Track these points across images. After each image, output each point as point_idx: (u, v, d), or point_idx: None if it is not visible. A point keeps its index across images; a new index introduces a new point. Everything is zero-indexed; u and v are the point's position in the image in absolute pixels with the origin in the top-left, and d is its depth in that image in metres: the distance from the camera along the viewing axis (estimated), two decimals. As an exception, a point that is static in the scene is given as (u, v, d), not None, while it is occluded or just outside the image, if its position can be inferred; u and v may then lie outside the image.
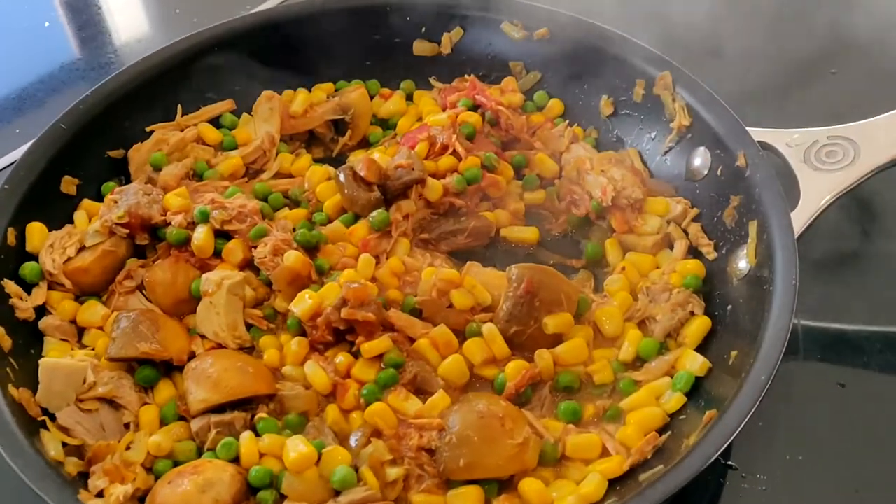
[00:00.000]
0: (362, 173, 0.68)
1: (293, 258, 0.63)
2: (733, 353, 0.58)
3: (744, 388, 0.54)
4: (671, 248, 0.68)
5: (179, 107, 0.77)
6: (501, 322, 0.62)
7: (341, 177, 0.69)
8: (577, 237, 0.72)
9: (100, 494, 0.53)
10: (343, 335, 0.61)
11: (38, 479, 0.50)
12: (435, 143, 0.73)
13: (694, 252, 0.67)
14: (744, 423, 0.52)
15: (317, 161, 0.78)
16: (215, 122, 0.80)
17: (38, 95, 0.95)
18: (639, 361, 0.62)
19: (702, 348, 0.61)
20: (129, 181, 0.74)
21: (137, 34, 1.03)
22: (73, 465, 0.54)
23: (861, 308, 0.68)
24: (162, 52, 0.77)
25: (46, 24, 1.04)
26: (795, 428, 0.61)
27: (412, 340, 0.62)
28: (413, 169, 0.70)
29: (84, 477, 0.54)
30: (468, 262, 0.68)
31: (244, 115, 0.80)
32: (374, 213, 0.67)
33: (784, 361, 0.55)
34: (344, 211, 0.70)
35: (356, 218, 0.69)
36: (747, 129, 0.67)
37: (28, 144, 0.71)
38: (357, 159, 0.70)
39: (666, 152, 0.73)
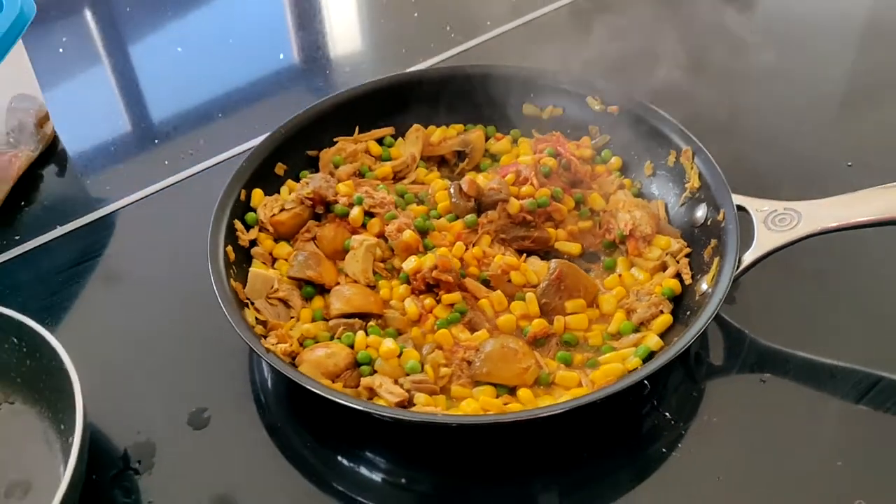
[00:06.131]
0: (465, 189, 1.02)
1: (408, 235, 0.96)
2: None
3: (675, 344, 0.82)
4: (664, 270, 0.97)
5: (357, 127, 1.11)
6: (538, 294, 0.93)
7: (451, 189, 1.03)
8: (605, 254, 1.01)
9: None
10: (432, 288, 0.93)
11: (244, 331, 0.81)
12: (520, 175, 1.06)
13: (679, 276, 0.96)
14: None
15: (443, 177, 1.10)
16: (380, 140, 1.12)
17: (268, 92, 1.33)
18: (619, 335, 0.90)
19: (663, 334, 0.90)
20: (317, 172, 1.07)
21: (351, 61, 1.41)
22: (259, 329, 0.86)
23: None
24: (354, 89, 1.10)
25: (281, 55, 1.44)
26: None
27: (477, 299, 0.94)
28: (501, 191, 1.02)
29: (263, 337, 0.87)
30: (529, 257, 0.99)
31: (399, 139, 1.12)
32: (468, 216, 1.00)
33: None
34: (450, 212, 1.02)
35: (457, 218, 1.01)
36: (732, 194, 0.95)
37: (260, 139, 1.07)
38: (464, 179, 1.03)
39: (682, 205, 1.01)
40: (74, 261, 1.07)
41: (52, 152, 1.25)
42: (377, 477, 0.84)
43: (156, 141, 1.25)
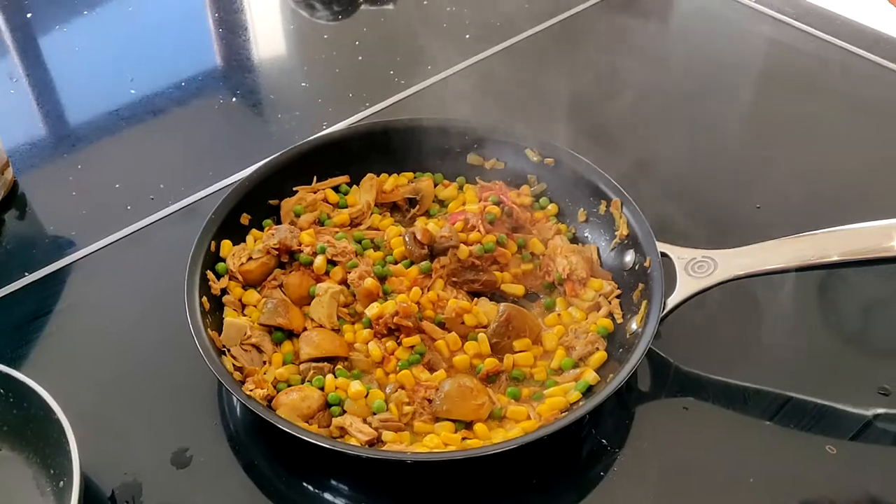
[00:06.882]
0: (419, 237, 1.11)
1: (369, 282, 1.05)
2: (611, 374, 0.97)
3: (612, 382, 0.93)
4: (598, 310, 1.09)
5: (315, 177, 1.20)
6: (489, 335, 1.03)
7: (406, 238, 1.13)
8: (545, 294, 1.12)
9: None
10: (393, 331, 1.03)
11: (226, 380, 0.89)
12: (468, 223, 1.16)
13: (611, 315, 1.07)
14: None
15: (396, 222, 1.19)
16: (337, 188, 1.22)
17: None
18: (560, 370, 1.01)
19: (599, 368, 1.01)
20: (280, 221, 1.14)
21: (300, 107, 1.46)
22: (237, 375, 0.95)
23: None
24: (310, 141, 1.19)
25: (233, 99, 1.50)
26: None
27: (434, 340, 1.04)
28: (451, 239, 1.12)
29: (241, 383, 0.97)
30: (479, 299, 1.10)
31: (354, 186, 1.21)
32: (423, 263, 1.10)
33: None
34: (405, 258, 1.12)
35: (412, 263, 1.11)
36: (657, 243, 1.08)
37: (218, 185, 1.16)
38: (417, 226, 1.12)
39: (612, 249, 1.13)
40: (46, 308, 1.12)
41: (12, 197, 1.30)
42: (345, 504, 0.93)
43: (117, 186, 1.31)
